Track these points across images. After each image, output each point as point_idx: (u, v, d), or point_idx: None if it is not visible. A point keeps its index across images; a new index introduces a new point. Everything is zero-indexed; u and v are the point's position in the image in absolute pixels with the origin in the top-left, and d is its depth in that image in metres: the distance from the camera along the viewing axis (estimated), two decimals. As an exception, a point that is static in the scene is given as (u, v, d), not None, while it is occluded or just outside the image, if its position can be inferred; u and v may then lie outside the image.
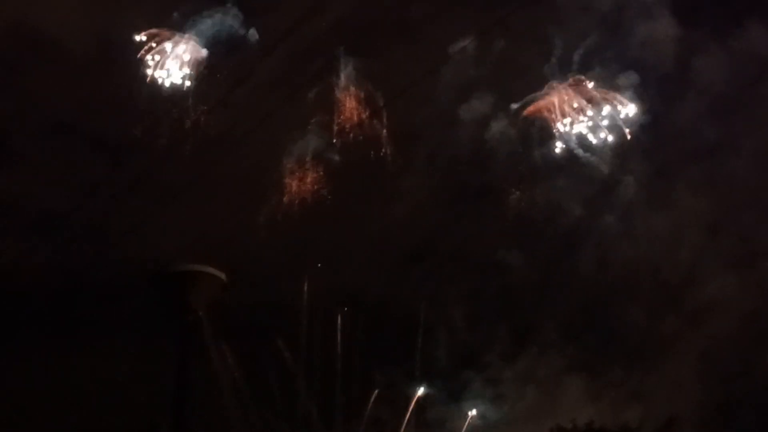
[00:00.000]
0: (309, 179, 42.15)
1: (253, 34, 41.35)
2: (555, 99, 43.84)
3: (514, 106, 43.47)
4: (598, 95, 44.11)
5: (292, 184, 43.14)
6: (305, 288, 43.30)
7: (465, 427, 45.16)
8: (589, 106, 44.09)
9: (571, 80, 44.03)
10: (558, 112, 43.95)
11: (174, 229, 42.78)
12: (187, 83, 42.57)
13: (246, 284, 40.59)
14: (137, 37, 41.68)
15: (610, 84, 44.88)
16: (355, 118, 41.05)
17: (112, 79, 43.41)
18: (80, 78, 43.73)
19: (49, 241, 43.48)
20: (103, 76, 43.53)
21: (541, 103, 43.95)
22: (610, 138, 44.37)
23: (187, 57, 41.63)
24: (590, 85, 44.23)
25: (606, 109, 44.17)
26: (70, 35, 43.03)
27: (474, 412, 45.47)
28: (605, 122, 44.30)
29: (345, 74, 40.95)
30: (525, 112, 44.11)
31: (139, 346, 41.61)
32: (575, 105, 44.05)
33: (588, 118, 44.17)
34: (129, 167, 43.91)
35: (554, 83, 44.10)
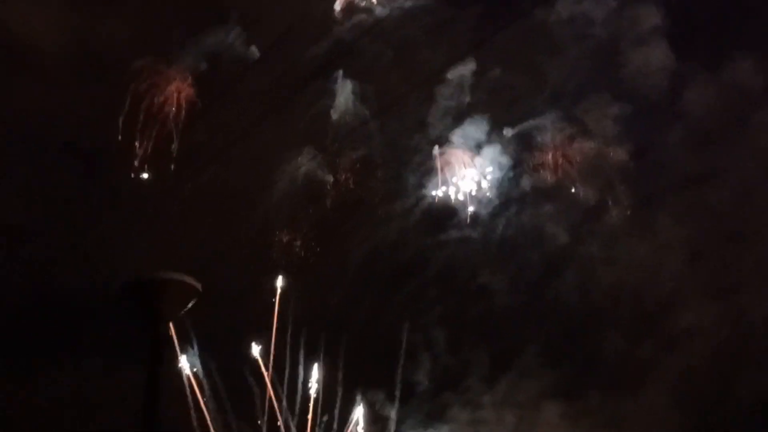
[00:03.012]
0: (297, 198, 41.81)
1: (253, 51, 40.68)
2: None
3: (507, 132, 43.43)
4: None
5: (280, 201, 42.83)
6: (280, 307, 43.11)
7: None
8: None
9: None
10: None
11: (148, 242, 42.09)
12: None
13: (222, 300, 40.29)
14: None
15: (601, 112, 45.29)
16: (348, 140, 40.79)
17: (89, 87, 42.44)
18: (55, 86, 42.63)
19: (18, 253, 42.59)
20: (78, 84, 42.55)
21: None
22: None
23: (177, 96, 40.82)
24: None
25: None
26: (46, 42, 41.93)
27: None
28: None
29: (342, 97, 40.57)
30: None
31: (109, 359, 40.99)
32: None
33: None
34: (103, 177, 43.24)
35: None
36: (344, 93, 40.84)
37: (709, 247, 47.70)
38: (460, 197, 43.52)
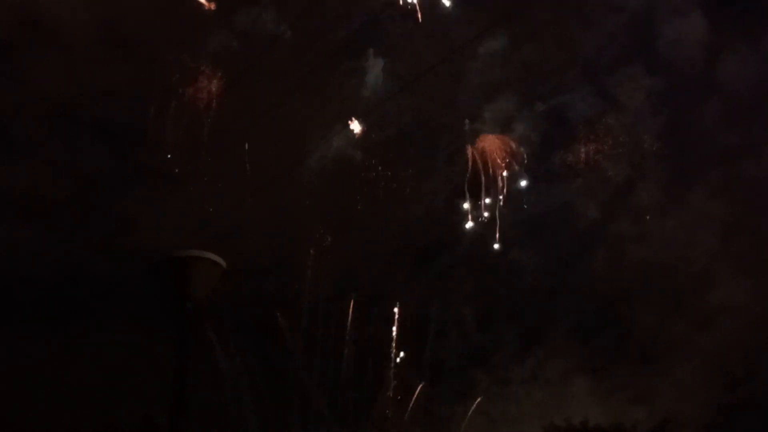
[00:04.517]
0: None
1: (285, 30, 40.33)
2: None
3: (539, 107, 42.90)
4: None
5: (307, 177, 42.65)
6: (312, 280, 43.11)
7: (468, 414, 45.37)
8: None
9: None
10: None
11: (177, 219, 42.11)
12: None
13: (251, 277, 40.34)
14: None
15: (635, 86, 44.52)
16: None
17: (117, 65, 42.18)
18: (83, 64, 42.44)
19: (50, 228, 42.73)
20: (106, 63, 42.27)
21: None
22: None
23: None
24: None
25: None
26: (73, 21, 41.59)
27: (478, 400, 45.61)
28: None
29: (372, 74, 40.25)
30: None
31: (138, 336, 41.16)
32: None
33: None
34: (132, 155, 43.18)
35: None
36: (375, 71, 40.51)
37: (743, 223, 47.09)
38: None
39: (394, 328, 44.08)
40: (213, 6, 39.79)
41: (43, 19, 41.48)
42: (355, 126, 41.24)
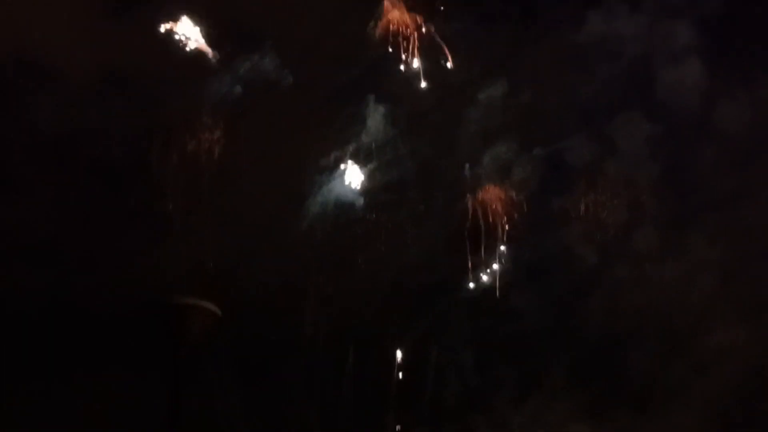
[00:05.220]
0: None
1: (286, 76, 40.81)
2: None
3: (537, 152, 43.23)
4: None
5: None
6: (310, 322, 43.13)
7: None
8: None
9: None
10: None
11: (175, 260, 42.18)
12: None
13: (248, 319, 40.37)
14: None
15: (632, 131, 44.86)
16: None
17: (115, 105, 42.45)
18: (80, 103, 42.63)
19: (46, 268, 42.74)
20: (104, 102, 42.52)
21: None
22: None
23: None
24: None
25: None
26: (71, 61, 41.91)
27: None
28: None
29: (373, 120, 40.72)
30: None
31: (133, 380, 41.11)
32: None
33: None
34: (130, 195, 43.32)
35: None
36: (375, 116, 40.97)
37: (741, 268, 47.19)
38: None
39: (394, 372, 44.20)
40: (216, 55, 40.35)
41: (41, 58, 41.70)
42: (355, 171, 41.71)
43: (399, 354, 44.24)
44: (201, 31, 41.72)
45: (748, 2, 46.62)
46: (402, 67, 40.65)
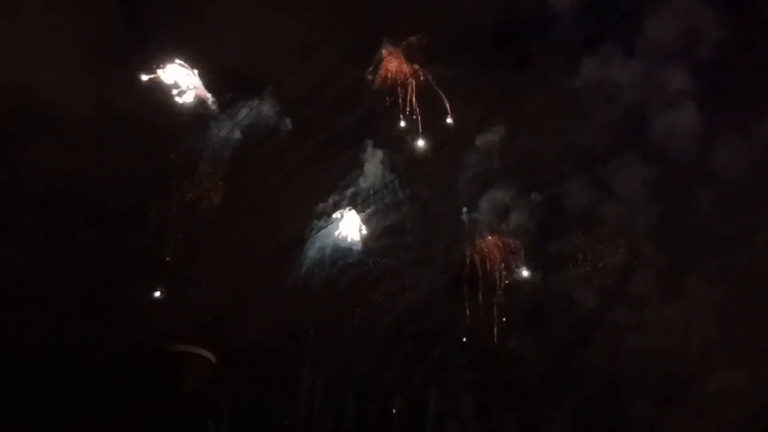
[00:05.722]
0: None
1: (286, 121, 41.18)
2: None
3: (535, 197, 43.47)
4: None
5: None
6: (308, 370, 43.05)
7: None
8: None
9: None
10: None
11: (172, 306, 42.21)
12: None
13: (246, 365, 40.24)
14: None
15: (629, 175, 45.11)
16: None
17: (113, 152, 42.72)
18: (78, 150, 42.96)
19: (44, 314, 42.66)
20: (102, 149, 42.84)
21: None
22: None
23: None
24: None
25: None
26: (71, 109, 42.26)
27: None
28: None
29: (371, 165, 41.00)
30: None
31: (131, 425, 40.87)
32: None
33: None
34: (127, 242, 43.39)
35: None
36: (373, 162, 41.22)
37: (741, 311, 47.21)
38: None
39: (393, 418, 43.94)
40: (216, 102, 40.79)
41: (42, 106, 42.18)
42: (353, 216, 41.83)
43: (398, 400, 44.13)
44: (201, 78, 42.26)
45: (741, 47, 47.14)
46: (400, 115, 41.24)
